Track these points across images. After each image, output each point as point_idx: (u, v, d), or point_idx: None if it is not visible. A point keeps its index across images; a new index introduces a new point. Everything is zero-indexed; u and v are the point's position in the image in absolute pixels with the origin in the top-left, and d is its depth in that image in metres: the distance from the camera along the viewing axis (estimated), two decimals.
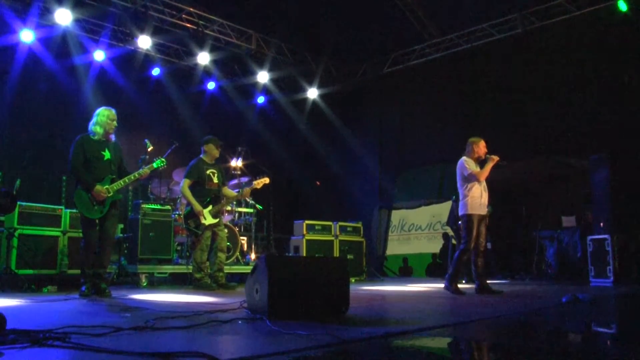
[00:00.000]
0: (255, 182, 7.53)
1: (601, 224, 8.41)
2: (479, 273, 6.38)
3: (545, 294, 6.36)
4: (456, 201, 9.39)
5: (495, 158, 6.42)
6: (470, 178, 6.36)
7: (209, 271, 7.00)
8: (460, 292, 6.26)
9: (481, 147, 6.49)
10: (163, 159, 6.09)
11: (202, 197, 6.94)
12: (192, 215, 6.89)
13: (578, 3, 9.28)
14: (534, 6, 9.75)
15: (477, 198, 6.35)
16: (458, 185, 6.56)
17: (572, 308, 4.73)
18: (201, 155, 7.18)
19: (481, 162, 6.52)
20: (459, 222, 8.14)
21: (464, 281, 8.47)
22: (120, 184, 5.67)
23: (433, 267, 13.26)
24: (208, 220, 6.89)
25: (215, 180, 7.09)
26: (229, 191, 7.48)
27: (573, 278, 9.33)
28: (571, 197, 10.88)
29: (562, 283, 8.73)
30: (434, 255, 13.60)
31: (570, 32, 9.62)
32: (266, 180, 7.56)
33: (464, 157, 6.52)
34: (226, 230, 8.47)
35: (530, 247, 10.88)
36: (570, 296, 5.05)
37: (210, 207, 6.95)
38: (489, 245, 11.13)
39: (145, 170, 5.86)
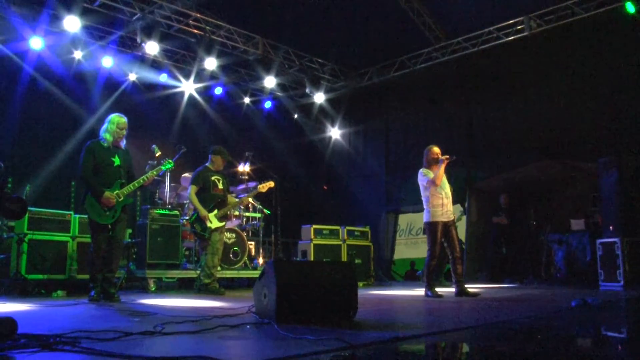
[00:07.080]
0: (260, 186, 7.70)
1: (610, 227, 8.33)
2: (458, 279, 6.51)
3: (554, 298, 6.31)
4: None
5: (445, 158, 6.60)
6: (430, 184, 6.57)
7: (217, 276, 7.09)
8: (438, 295, 6.39)
9: (432, 153, 6.70)
10: (171, 161, 6.25)
11: (208, 202, 7.08)
12: (198, 220, 7.02)
13: (585, 5, 9.23)
14: (541, 9, 9.72)
15: (438, 206, 6.59)
16: (421, 194, 6.76)
17: (581, 312, 4.69)
18: (207, 164, 7.36)
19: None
20: None
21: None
22: (129, 188, 5.72)
23: (448, 272, 13.14)
24: (214, 223, 7.03)
25: (220, 186, 7.29)
26: (232, 198, 7.67)
27: (582, 282, 9.24)
28: (580, 200, 10.80)
29: (571, 287, 8.66)
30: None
31: (578, 34, 9.58)
32: (271, 184, 7.77)
33: (421, 169, 6.75)
34: (234, 234, 8.52)
35: (539, 251, 10.80)
36: (580, 300, 5.01)
37: (215, 212, 7.08)
38: (503, 250, 11.11)
39: (153, 173, 5.93)
